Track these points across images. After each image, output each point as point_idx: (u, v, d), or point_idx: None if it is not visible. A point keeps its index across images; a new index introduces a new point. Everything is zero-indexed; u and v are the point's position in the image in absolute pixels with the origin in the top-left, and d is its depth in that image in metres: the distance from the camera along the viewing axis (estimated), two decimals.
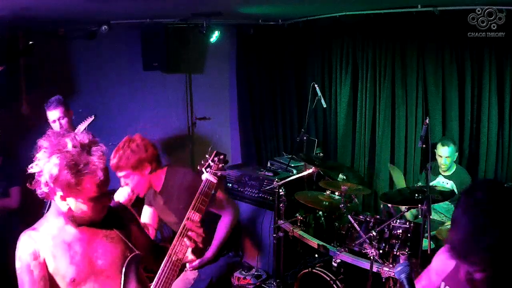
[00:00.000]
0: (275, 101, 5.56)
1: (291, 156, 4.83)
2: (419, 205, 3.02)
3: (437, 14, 3.75)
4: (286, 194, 3.77)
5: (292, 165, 4.72)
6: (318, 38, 5.28)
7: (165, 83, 5.10)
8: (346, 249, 3.22)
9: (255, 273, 4.39)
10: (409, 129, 4.54)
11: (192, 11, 4.19)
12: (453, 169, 4.03)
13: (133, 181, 2.60)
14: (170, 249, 1.88)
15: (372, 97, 4.78)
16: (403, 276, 1.58)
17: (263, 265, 4.43)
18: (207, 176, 2.11)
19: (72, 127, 3.54)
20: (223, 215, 2.83)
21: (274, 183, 3.85)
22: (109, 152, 2.53)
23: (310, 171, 3.91)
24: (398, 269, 1.60)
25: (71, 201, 1.60)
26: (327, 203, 3.60)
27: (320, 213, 4.28)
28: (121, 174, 2.58)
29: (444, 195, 3.34)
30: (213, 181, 2.08)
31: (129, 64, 4.75)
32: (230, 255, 2.96)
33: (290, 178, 3.85)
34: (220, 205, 2.79)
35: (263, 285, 4.29)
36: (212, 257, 2.80)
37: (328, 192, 3.71)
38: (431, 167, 4.10)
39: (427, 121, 3.07)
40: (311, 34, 5.25)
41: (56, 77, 4.20)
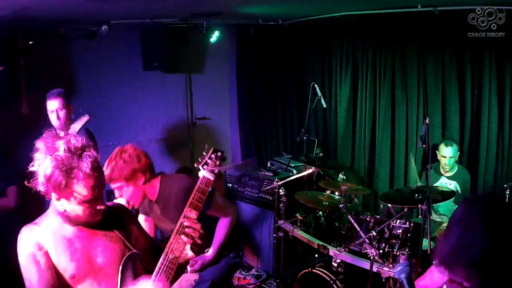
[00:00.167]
0: (275, 101, 5.56)
1: (291, 156, 4.83)
2: (419, 205, 3.03)
3: (437, 14, 3.75)
4: (286, 194, 3.76)
5: (292, 165, 4.72)
6: (318, 38, 5.28)
7: (165, 83, 5.10)
8: (346, 249, 3.22)
9: (255, 273, 4.40)
10: (409, 129, 4.55)
11: (192, 11, 4.19)
12: (455, 169, 4.03)
13: (127, 193, 2.55)
14: (167, 247, 1.88)
15: (372, 97, 4.78)
16: (403, 276, 1.58)
17: (263, 265, 4.42)
18: (204, 173, 2.10)
19: (70, 122, 3.51)
20: (221, 218, 2.83)
21: (274, 183, 3.85)
22: (109, 153, 2.54)
23: (310, 171, 3.91)
24: (398, 269, 1.60)
25: (65, 202, 1.64)
26: (327, 203, 3.60)
27: (320, 213, 4.28)
28: (114, 186, 2.52)
29: (444, 195, 3.34)
30: (210, 178, 2.08)
31: (129, 64, 4.74)
32: (231, 256, 2.96)
33: (290, 178, 3.85)
34: (219, 209, 2.78)
35: (263, 285, 4.29)
36: (213, 259, 2.80)
37: (328, 192, 3.71)
38: (434, 167, 4.10)
39: (427, 121, 3.07)
40: (311, 34, 5.25)
41: (56, 77, 4.20)
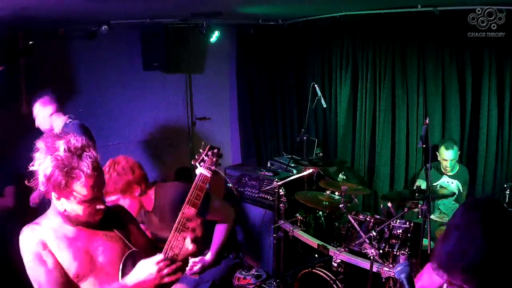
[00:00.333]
0: (275, 101, 5.56)
1: (291, 156, 4.83)
2: (419, 205, 3.03)
3: (437, 14, 3.75)
4: (286, 194, 3.76)
5: (292, 165, 4.72)
6: (318, 38, 5.28)
7: (165, 83, 5.10)
8: (346, 249, 3.22)
9: (255, 273, 4.40)
10: (409, 129, 4.55)
11: (192, 11, 4.19)
12: (456, 168, 4.04)
13: (124, 206, 2.45)
14: (166, 245, 1.89)
15: (372, 97, 4.78)
16: (403, 276, 1.58)
17: (263, 265, 4.42)
18: (201, 170, 2.10)
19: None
20: (219, 220, 2.82)
21: (274, 183, 3.85)
22: (109, 153, 2.54)
23: (310, 171, 3.91)
24: (398, 269, 1.60)
25: (64, 202, 1.65)
26: (327, 203, 3.60)
27: (320, 213, 4.28)
28: (110, 199, 2.45)
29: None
30: (207, 175, 2.08)
31: (129, 64, 4.74)
32: (231, 257, 2.95)
33: (290, 178, 3.85)
34: (217, 213, 2.76)
35: (263, 285, 4.29)
36: (212, 262, 2.79)
37: (328, 192, 3.71)
38: (435, 166, 4.09)
39: (427, 121, 3.08)
40: (311, 34, 5.25)
41: (56, 77, 4.19)
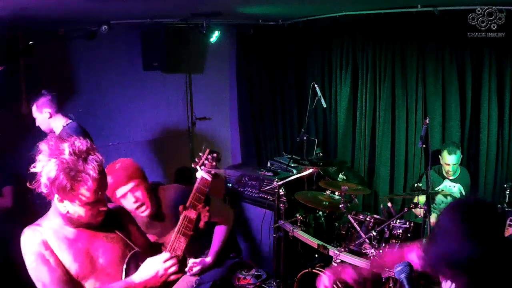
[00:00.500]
0: (275, 101, 5.55)
1: (291, 156, 4.83)
2: (419, 205, 3.03)
3: (437, 14, 3.75)
4: (286, 194, 3.76)
5: (292, 165, 4.72)
6: (318, 38, 5.28)
7: (165, 83, 5.10)
8: (346, 249, 3.22)
9: (255, 273, 4.39)
10: (409, 129, 4.54)
11: (192, 11, 4.19)
12: (458, 172, 4.02)
13: (140, 195, 2.46)
14: (169, 246, 1.89)
15: (372, 97, 4.78)
16: (403, 276, 1.58)
17: (263, 265, 4.42)
18: (202, 173, 2.11)
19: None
20: (219, 222, 2.82)
21: (274, 183, 3.85)
22: (109, 153, 2.54)
23: (310, 171, 3.91)
24: (398, 269, 1.60)
25: (68, 204, 1.64)
26: (327, 203, 3.60)
27: (320, 213, 4.27)
28: (124, 190, 2.40)
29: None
30: (208, 179, 2.09)
31: (129, 64, 4.74)
32: (231, 257, 2.95)
33: (290, 178, 3.84)
34: (217, 215, 2.75)
35: (263, 285, 4.28)
36: (212, 263, 2.79)
37: (328, 192, 3.71)
38: (437, 170, 4.09)
39: (427, 121, 3.08)
40: (311, 34, 5.25)
41: (56, 77, 4.19)
